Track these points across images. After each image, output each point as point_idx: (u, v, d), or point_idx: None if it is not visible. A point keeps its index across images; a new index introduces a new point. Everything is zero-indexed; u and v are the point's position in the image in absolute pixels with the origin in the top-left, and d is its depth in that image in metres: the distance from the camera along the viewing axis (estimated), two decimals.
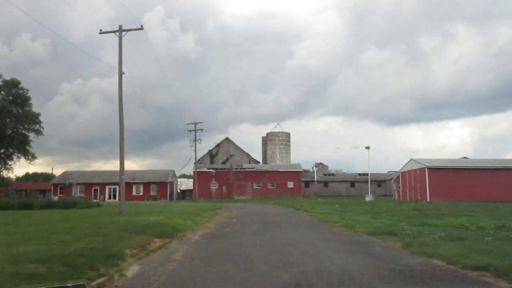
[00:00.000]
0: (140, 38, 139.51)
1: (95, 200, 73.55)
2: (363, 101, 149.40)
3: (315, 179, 77.38)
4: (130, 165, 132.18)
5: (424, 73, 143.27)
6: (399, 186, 54.08)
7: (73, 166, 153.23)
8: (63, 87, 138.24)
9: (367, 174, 79.86)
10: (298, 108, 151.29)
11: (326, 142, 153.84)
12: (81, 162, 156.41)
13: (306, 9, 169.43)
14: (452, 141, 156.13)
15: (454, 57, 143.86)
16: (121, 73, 25.60)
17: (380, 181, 77.44)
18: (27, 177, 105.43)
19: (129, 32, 26.21)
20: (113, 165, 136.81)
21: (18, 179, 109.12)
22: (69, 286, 1.53)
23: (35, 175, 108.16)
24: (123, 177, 25.84)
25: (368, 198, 56.44)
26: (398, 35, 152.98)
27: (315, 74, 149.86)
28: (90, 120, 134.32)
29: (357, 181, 78.30)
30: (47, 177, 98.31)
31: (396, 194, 55.27)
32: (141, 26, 26.74)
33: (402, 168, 53.18)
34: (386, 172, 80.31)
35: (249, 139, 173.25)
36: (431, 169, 46.01)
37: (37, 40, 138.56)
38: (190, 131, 73.14)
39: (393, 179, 57.29)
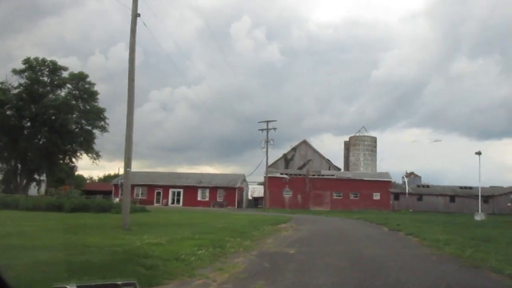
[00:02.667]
0: (227, 47, 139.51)
1: (156, 204, 67.82)
2: (452, 112, 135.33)
3: (407, 191, 65.46)
4: (212, 171, 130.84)
5: None
6: None
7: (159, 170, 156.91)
8: (153, 95, 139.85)
9: (470, 188, 66.80)
10: (382, 119, 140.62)
11: (412, 155, 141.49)
12: (166, 167, 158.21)
13: (394, 17, 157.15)
14: None
15: None
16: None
17: (486, 197, 63.74)
18: (106, 178, 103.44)
19: (218, 42, 17.82)
20: (196, 171, 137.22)
21: (100, 180, 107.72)
22: (119, 284, 1.45)
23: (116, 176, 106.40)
24: (128, 169, 17.34)
25: (479, 217, 44.31)
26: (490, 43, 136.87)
27: (401, 84, 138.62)
28: (177, 126, 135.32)
29: (457, 196, 65.24)
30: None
31: None
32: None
33: None
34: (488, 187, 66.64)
35: (330, 149, 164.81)
36: None
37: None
38: (262, 130, 64.68)
39: None
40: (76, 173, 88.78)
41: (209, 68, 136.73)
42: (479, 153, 45.90)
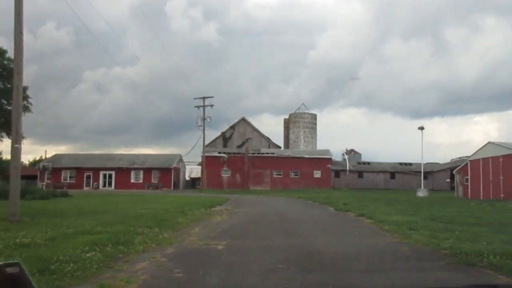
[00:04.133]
0: (162, 27, 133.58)
1: (86, 188, 62.79)
2: (386, 93, 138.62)
3: (347, 168, 64.45)
4: (149, 153, 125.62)
5: (450, 66, 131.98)
6: (467, 179, 40.96)
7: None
8: (87, 75, 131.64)
9: (410, 164, 66.93)
10: (319, 99, 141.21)
11: (351, 134, 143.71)
12: (102, 151, 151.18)
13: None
14: (477, 135, 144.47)
15: (482, 50, 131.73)
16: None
17: (426, 173, 63.97)
18: (36, 163, 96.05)
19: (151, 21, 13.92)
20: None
21: (31, 164, 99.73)
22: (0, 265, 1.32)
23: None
24: (17, 146, 13.52)
25: (421, 193, 43.59)
26: (424, 26, 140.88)
27: (337, 65, 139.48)
28: (113, 108, 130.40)
29: (397, 172, 65.06)
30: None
31: (461, 190, 42.16)
32: None
33: (472, 155, 40.01)
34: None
35: (270, 129, 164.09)
36: None
37: (61, 29, 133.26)
38: (198, 107, 60.93)
39: (456, 170, 44.11)
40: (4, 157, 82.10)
41: (145, 48, 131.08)
42: (421, 128, 44.98)
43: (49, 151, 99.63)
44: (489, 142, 37.75)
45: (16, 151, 13.70)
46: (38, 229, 10.52)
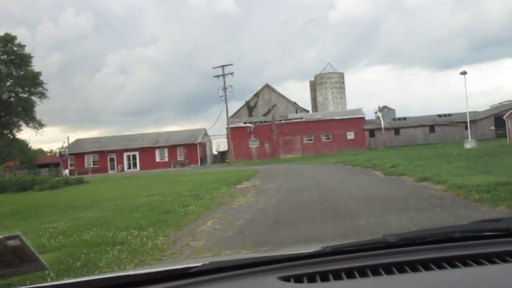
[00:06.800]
0: (179, 3, 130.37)
1: (111, 171, 60.59)
2: (410, 47, 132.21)
3: (382, 125, 60.05)
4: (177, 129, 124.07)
5: (476, 9, 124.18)
6: None
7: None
8: (110, 59, 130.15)
9: (449, 115, 62.04)
10: (344, 59, 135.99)
11: (380, 92, 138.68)
12: (134, 131, 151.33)
13: None
14: (510, 80, 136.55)
15: None
16: None
17: (465, 122, 59.12)
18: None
19: None
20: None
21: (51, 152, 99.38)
22: (1, 238, 1.30)
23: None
24: None
25: (469, 144, 39.34)
26: None
27: (359, 23, 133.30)
28: (138, 89, 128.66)
29: (437, 125, 60.26)
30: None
31: None
32: None
33: None
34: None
35: (295, 96, 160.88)
36: None
37: (81, 14, 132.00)
38: (218, 76, 57.33)
39: (507, 115, 39.45)
40: (33, 146, 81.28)
41: (163, 25, 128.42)
42: (464, 73, 40.22)
43: (81, 136, 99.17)
44: None
45: None
46: None
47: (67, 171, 59.07)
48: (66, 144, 70.15)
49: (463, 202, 8.90)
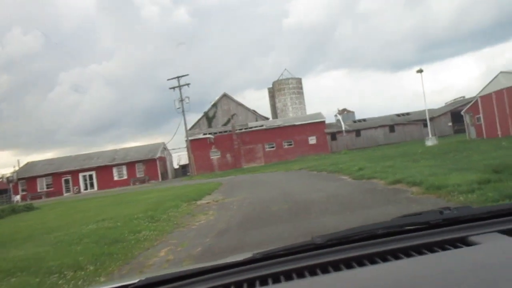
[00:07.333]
0: (132, 17, 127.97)
1: (67, 194, 57.56)
2: (363, 51, 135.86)
3: (343, 128, 59.81)
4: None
5: (423, 13, 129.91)
6: (478, 118, 36.53)
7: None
8: (62, 77, 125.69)
9: (408, 114, 62.57)
10: (300, 66, 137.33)
11: (337, 96, 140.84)
12: (92, 151, 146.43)
13: None
14: (459, 78, 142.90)
15: None
16: None
17: (425, 120, 59.73)
18: None
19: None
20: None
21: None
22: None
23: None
24: None
25: (431, 141, 39.38)
26: None
27: (313, 30, 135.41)
28: (94, 107, 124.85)
29: (397, 124, 60.54)
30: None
31: (473, 130, 37.81)
32: None
33: (482, 91, 35.44)
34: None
35: (254, 104, 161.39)
36: None
37: (29, 34, 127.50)
38: (173, 88, 55.61)
39: (464, 110, 39.61)
40: None
41: (117, 41, 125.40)
42: (420, 71, 40.25)
43: (36, 158, 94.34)
44: (500, 72, 33.19)
45: None
46: None
47: (18, 197, 55.87)
48: (17, 168, 66.56)
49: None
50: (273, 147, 58.95)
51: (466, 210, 1.66)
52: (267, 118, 70.25)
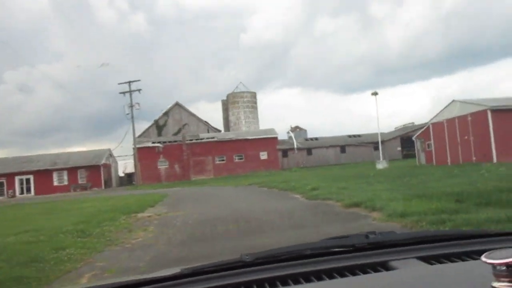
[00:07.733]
0: (87, 20, 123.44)
1: (0, 198, 53.97)
2: (318, 71, 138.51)
3: (295, 146, 59.56)
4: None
5: (376, 40, 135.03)
6: (429, 144, 37.01)
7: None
8: (8, 75, 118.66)
9: (359, 136, 63.19)
10: (255, 81, 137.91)
11: (291, 113, 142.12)
12: (34, 153, 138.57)
13: None
14: (408, 104, 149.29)
15: (405, 22, 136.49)
16: None
17: (376, 143, 60.50)
18: None
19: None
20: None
21: None
22: None
23: None
24: None
25: (381, 164, 39.44)
26: (351, 3, 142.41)
27: (270, 46, 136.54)
28: (40, 108, 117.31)
29: (348, 145, 60.96)
30: None
31: (423, 156, 38.29)
32: None
33: (434, 118, 35.94)
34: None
35: (207, 116, 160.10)
36: (495, 112, 28.94)
37: None
38: (124, 93, 53.55)
39: (416, 136, 40.14)
40: None
41: (70, 43, 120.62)
42: (375, 94, 40.48)
43: None
44: (453, 101, 33.77)
45: None
46: None
47: None
48: None
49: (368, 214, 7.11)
50: (223, 160, 57.78)
51: (390, 235, 1.69)
52: (219, 131, 69.10)
